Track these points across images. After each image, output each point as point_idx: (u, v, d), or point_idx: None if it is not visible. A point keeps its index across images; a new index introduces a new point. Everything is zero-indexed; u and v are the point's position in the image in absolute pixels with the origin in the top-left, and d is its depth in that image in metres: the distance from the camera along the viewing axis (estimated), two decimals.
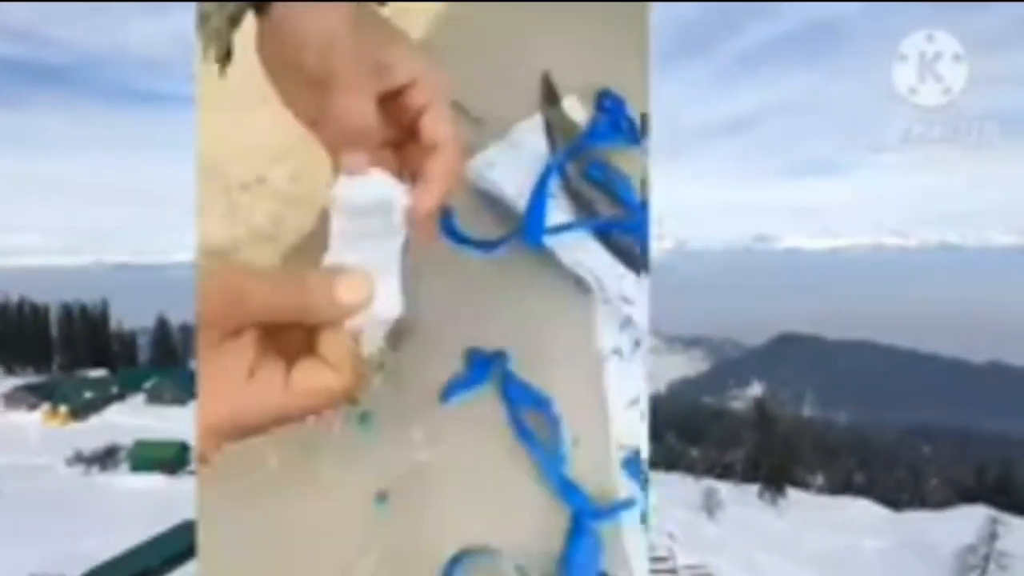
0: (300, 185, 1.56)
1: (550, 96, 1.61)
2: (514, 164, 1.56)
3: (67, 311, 38.90)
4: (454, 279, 1.53)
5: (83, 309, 39.62)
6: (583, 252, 1.57)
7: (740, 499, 25.54)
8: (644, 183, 1.62)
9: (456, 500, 1.43)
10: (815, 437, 36.81)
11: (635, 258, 1.58)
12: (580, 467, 1.49)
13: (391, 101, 1.09)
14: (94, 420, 26.27)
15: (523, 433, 1.46)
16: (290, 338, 0.96)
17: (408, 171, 1.12)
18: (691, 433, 36.83)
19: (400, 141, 1.13)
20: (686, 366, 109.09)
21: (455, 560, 1.37)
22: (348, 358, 0.95)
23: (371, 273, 0.99)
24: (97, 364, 35.59)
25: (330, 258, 1.02)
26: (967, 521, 21.18)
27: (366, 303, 0.97)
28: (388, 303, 0.98)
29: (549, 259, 1.57)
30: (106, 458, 20.79)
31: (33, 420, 26.02)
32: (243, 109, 1.49)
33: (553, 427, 1.48)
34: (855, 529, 23.33)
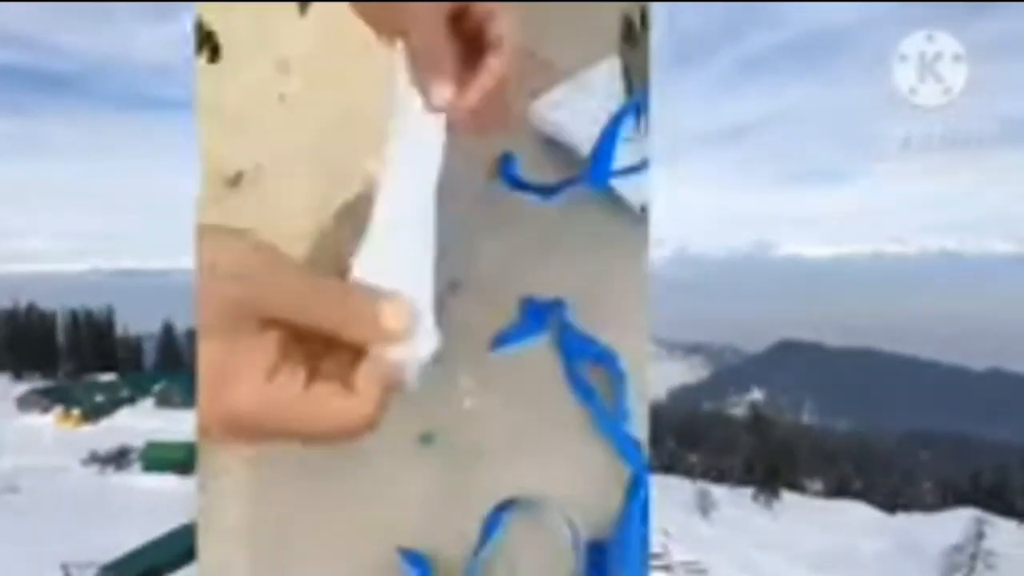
0: (304, 185, 1.51)
1: (630, 37, 1.54)
2: (583, 107, 1.49)
3: (74, 317, 39.65)
4: (513, 226, 1.47)
5: (89, 315, 40.39)
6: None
7: (734, 501, 26.09)
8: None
9: (504, 449, 1.39)
10: (812, 442, 37.26)
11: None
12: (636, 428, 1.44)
13: (457, 23, 1.07)
14: (105, 423, 26.99)
15: (580, 387, 1.40)
16: (315, 345, 0.90)
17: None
18: (690, 438, 37.26)
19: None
20: (686, 372, 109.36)
21: (501, 507, 1.33)
22: (379, 390, 0.90)
23: (410, 301, 0.96)
24: (103, 369, 36.24)
25: (363, 259, 0.96)
26: (958, 522, 21.72)
27: (408, 334, 0.92)
28: (427, 339, 0.93)
29: (618, 207, 1.49)
30: (120, 459, 21.48)
31: (46, 423, 26.75)
32: (243, 112, 1.47)
33: (618, 383, 1.41)
34: (848, 530, 23.85)
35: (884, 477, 34.16)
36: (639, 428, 1.43)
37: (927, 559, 20.23)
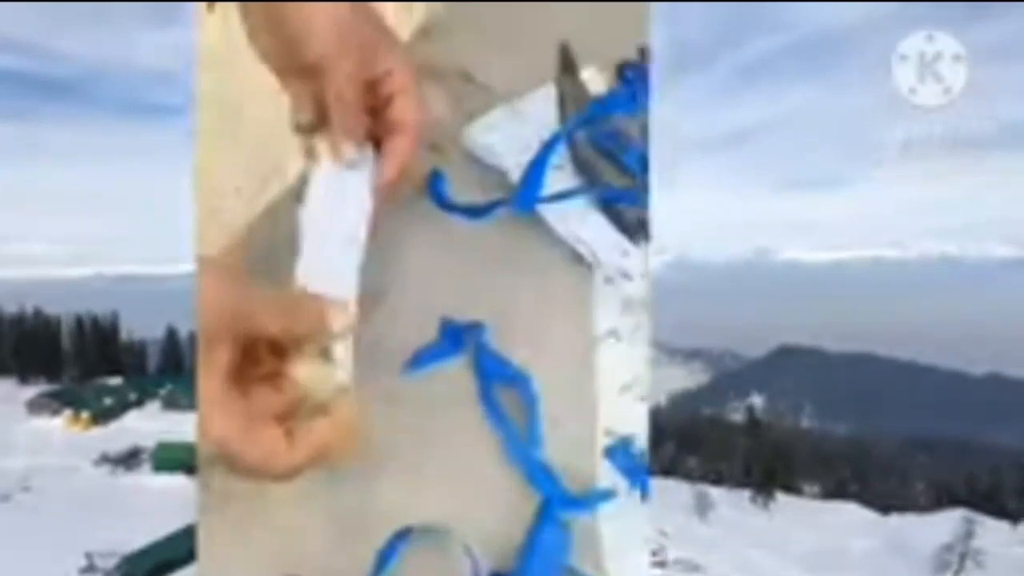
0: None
1: (567, 66, 1.56)
2: (516, 132, 1.51)
3: (79, 322, 40.21)
4: (438, 246, 1.46)
5: (94, 320, 40.96)
6: (583, 224, 1.49)
7: (732, 502, 26.52)
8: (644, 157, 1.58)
9: (412, 473, 1.34)
10: (809, 446, 37.54)
11: (639, 230, 1.51)
12: (558, 452, 1.39)
13: (368, 87, 1.20)
14: (113, 425, 27.55)
15: (492, 410, 1.38)
16: (263, 365, 1.03)
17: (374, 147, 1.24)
18: (689, 443, 37.52)
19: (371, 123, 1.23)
20: (686, 378, 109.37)
21: (399, 536, 1.28)
22: (313, 449, 1.00)
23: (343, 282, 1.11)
24: (108, 374, 36.72)
25: (305, 263, 1.14)
26: (949, 523, 22.13)
27: (351, 330, 1.04)
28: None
29: (546, 231, 1.50)
30: (130, 459, 22.02)
31: (55, 425, 27.30)
32: (240, 117, 1.48)
33: (529, 407, 1.39)
34: (843, 531, 24.26)
35: (881, 481, 34.40)
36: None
37: (917, 558, 20.65)
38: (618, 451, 1.44)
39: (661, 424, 35.19)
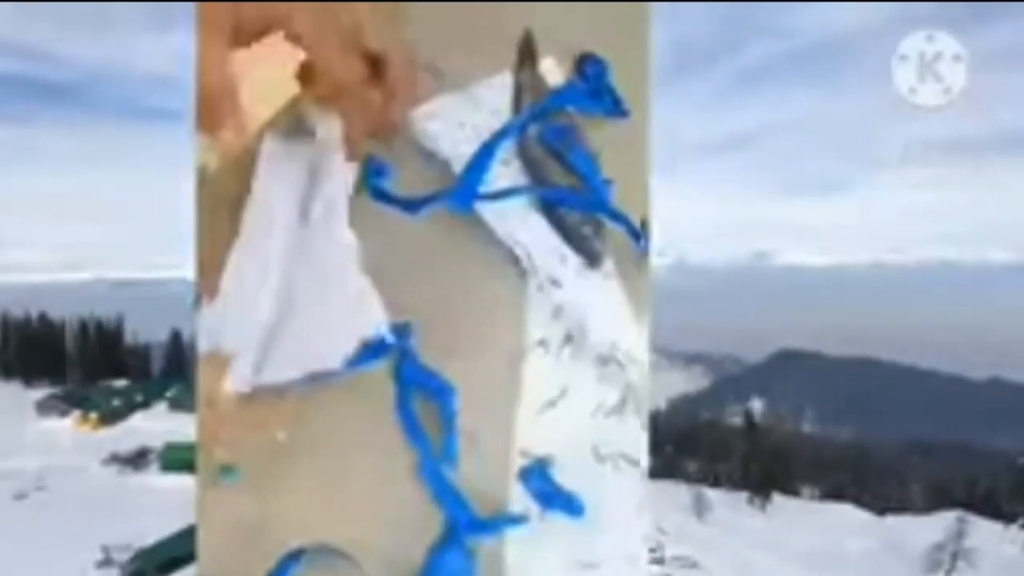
0: None
1: (527, 56, 1.50)
2: (462, 120, 1.44)
3: (82, 326, 40.78)
4: (366, 241, 1.38)
5: (98, 324, 41.54)
6: (520, 224, 1.43)
7: (729, 503, 26.90)
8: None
9: (311, 490, 1.29)
10: (809, 450, 37.80)
11: (584, 241, 1.42)
12: (473, 471, 1.33)
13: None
14: (121, 426, 28.04)
15: (408, 421, 1.32)
16: None
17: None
18: (689, 446, 37.78)
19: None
20: (687, 382, 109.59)
21: (292, 555, 1.24)
22: None
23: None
24: (112, 376, 37.17)
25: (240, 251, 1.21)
26: (943, 523, 22.50)
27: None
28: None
29: (480, 229, 1.43)
30: (138, 459, 22.49)
31: (64, 426, 27.82)
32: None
33: (447, 420, 1.33)
34: (839, 531, 24.62)
35: (880, 485, 34.62)
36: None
37: (911, 557, 21.03)
38: (532, 473, 1.36)
39: (660, 428, 35.51)
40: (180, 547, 14.53)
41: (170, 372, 39.23)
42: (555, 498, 1.37)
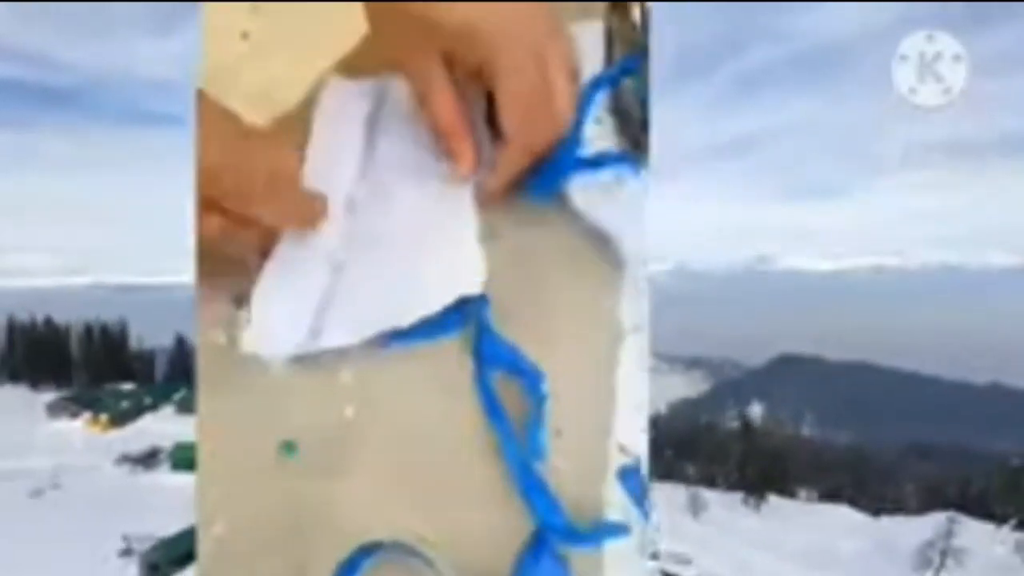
0: None
1: (619, 4, 1.38)
2: None
3: (88, 330, 41.45)
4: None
5: (104, 328, 42.21)
6: (611, 205, 1.28)
7: (725, 504, 27.41)
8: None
9: (384, 472, 1.12)
10: (808, 454, 38.13)
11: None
12: (562, 467, 1.15)
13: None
14: (130, 427, 28.72)
15: (490, 404, 1.13)
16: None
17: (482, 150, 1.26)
18: (688, 449, 38.13)
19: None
20: (687, 386, 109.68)
21: (364, 550, 1.06)
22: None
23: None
24: (117, 380, 37.77)
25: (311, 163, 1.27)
26: (934, 523, 22.99)
27: (314, 222, 1.20)
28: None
29: (570, 210, 1.30)
30: (148, 459, 23.14)
31: (75, 427, 28.51)
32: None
33: (535, 406, 1.14)
34: (833, 532, 25.09)
35: (879, 488, 34.89)
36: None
37: (901, 556, 21.52)
38: (632, 474, 1.18)
39: (660, 432, 35.91)
40: (191, 543, 15.15)
41: (174, 377, 39.84)
42: (646, 503, 1.13)
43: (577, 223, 1.33)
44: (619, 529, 1.15)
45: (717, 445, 35.50)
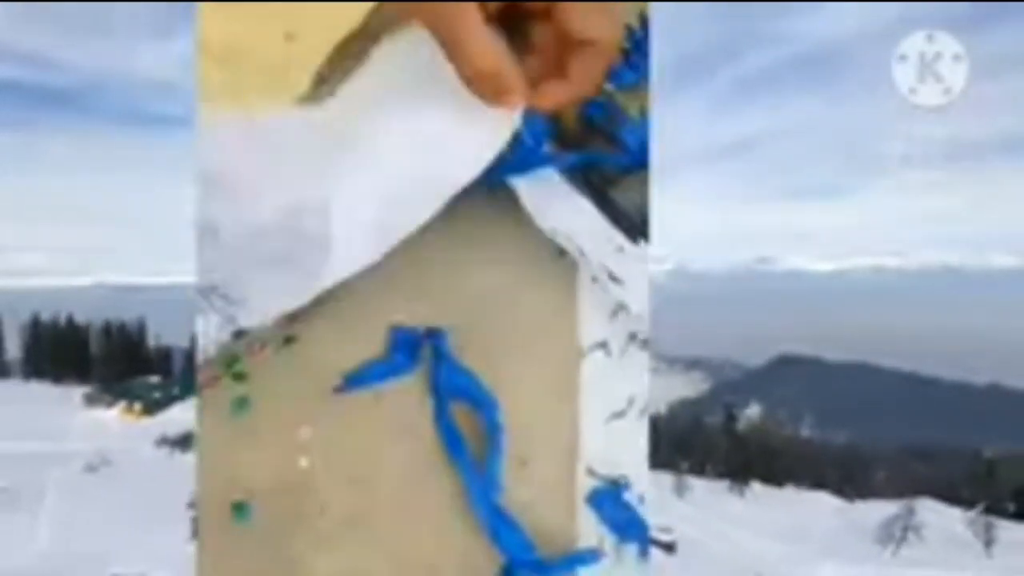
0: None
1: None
2: None
3: (106, 328, 43.77)
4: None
5: (122, 326, 44.53)
6: (568, 211, 1.18)
7: (710, 489, 29.56)
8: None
9: (345, 522, 1.10)
10: (797, 448, 39.74)
11: (634, 222, 1.20)
12: (528, 496, 1.14)
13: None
14: (161, 416, 31.20)
15: (450, 438, 1.11)
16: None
17: (542, 65, 1.04)
18: (678, 447, 39.65)
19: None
20: (686, 387, 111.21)
21: None
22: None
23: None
24: (136, 375, 39.81)
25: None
26: (905, 507, 25.04)
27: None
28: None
29: (521, 218, 1.19)
30: (185, 442, 25.50)
31: (111, 415, 31.07)
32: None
33: (491, 436, 1.12)
34: (810, 514, 27.15)
35: (863, 480, 36.35)
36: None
37: (869, 533, 23.62)
38: (605, 497, 1.16)
39: (660, 432, 37.53)
40: None
41: (191, 372, 41.96)
42: (632, 526, 1.13)
43: (526, 224, 1.20)
44: (589, 556, 1.14)
45: (705, 440, 37.24)
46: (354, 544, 1.12)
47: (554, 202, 1.20)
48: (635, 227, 1.23)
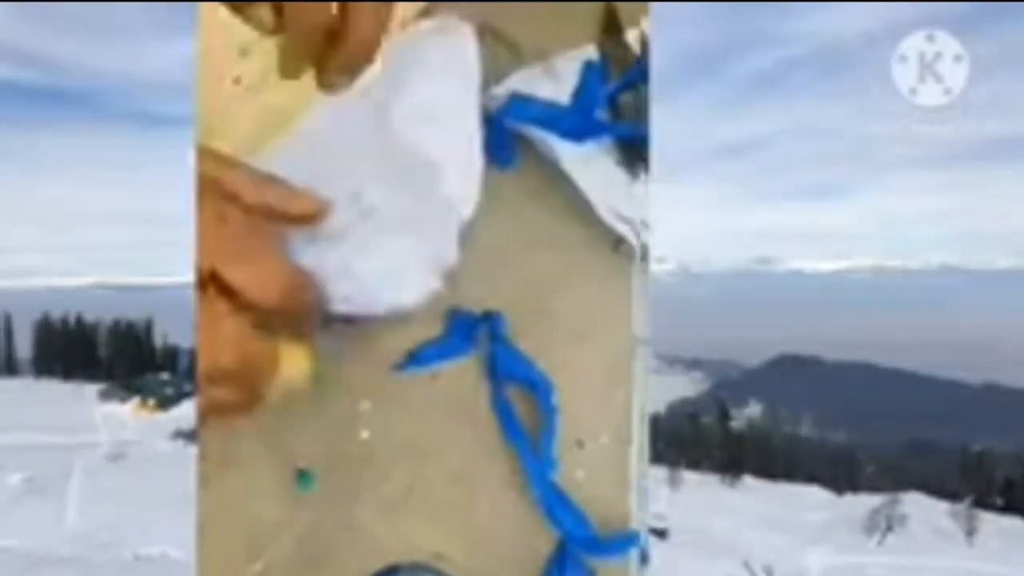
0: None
1: (611, 26, 1.39)
2: (548, 94, 1.32)
3: (115, 327, 44.76)
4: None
5: (130, 325, 45.53)
6: (623, 198, 1.27)
7: (703, 482, 30.48)
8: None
9: (402, 494, 1.15)
10: (794, 448, 40.40)
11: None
12: (583, 478, 1.18)
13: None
14: (174, 411, 32.31)
15: (506, 418, 1.16)
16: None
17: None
18: (682, 444, 40.13)
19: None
20: (687, 387, 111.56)
21: (383, 573, 1.10)
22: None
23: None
24: (145, 373, 40.66)
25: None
26: (894, 499, 25.92)
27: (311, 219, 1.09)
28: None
29: (578, 208, 1.26)
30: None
31: (125, 410, 32.22)
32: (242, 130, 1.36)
33: (547, 418, 1.17)
34: (801, 506, 28.02)
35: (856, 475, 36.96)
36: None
37: (856, 523, 24.53)
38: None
39: (660, 433, 38.08)
40: None
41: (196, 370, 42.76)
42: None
43: (583, 212, 1.25)
44: (641, 536, 1.20)
45: (700, 436, 37.98)
46: (414, 514, 1.17)
47: (613, 190, 1.28)
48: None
